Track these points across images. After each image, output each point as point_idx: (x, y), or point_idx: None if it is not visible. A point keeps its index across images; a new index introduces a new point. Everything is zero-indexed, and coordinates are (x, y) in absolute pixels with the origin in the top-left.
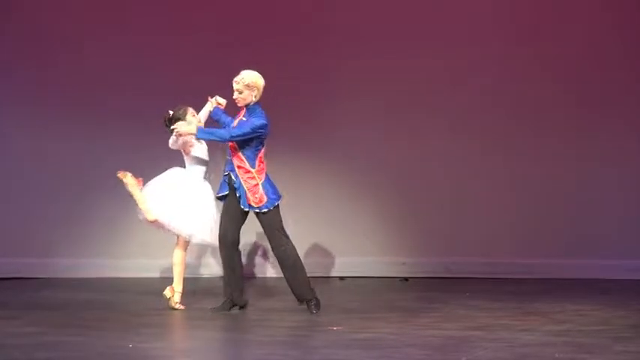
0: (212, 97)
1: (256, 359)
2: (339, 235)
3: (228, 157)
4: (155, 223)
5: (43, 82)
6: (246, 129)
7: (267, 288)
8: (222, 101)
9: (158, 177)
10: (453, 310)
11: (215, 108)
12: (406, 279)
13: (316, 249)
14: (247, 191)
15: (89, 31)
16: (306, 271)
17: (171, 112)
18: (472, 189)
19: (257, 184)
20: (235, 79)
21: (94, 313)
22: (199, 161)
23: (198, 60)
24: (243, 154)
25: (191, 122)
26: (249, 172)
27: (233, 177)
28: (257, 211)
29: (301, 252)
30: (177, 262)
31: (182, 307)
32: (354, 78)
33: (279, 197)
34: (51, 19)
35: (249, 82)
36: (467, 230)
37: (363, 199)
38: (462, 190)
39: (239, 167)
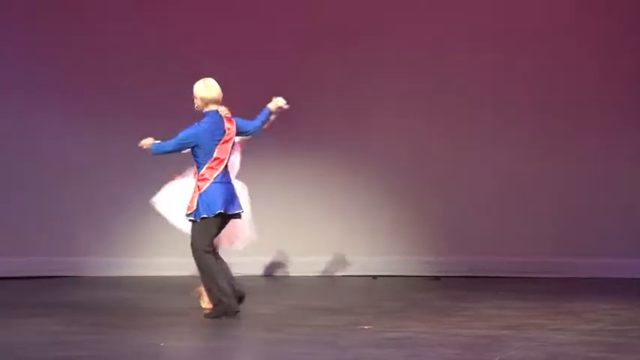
0: (276, 98)
1: (287, 358)
2: (371, 234)
3: None
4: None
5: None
6: (174, 140)
7: (298, 287)
8: (281, 103)
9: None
10: (484, 310)
11: (266, 108)
12: (438, 278)
13: (349, 248)
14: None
15: (105, 24)
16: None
17: None
18: (502, 189)
19: (195, 192)
20: None
21: (126, 312)
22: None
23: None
24: (194, 162)
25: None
26: (195, 180)
27: None
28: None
29: (334, 251)
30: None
31: (212, 306)
32: (392, 80)
33: (207, 213)
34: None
35: (194, 90)
36: (499, 229)
37: (395, 199)
38: (492, 190)
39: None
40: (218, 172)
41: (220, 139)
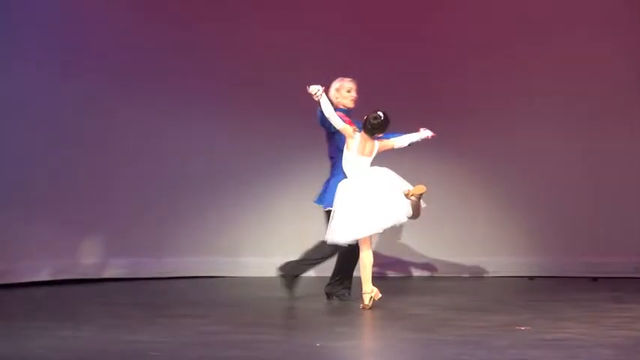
0: (323, 89)
1: (442, 358)
2: (527, 234)
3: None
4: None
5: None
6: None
7: (454, 288)
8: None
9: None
10: None
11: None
12: (595, 279)
13: (505, 248)
14: None
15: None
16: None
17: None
18: None
19: None
20: (350, 79)
21: (282, 312)
22: None
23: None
24: None
25: None
26: None
27: None
28: None
29: (491, 252)
30: (362, 264)
31: (369, 306)
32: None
33: None
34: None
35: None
36: None
37: (550, 198)
38: None
39: None
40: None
41: None
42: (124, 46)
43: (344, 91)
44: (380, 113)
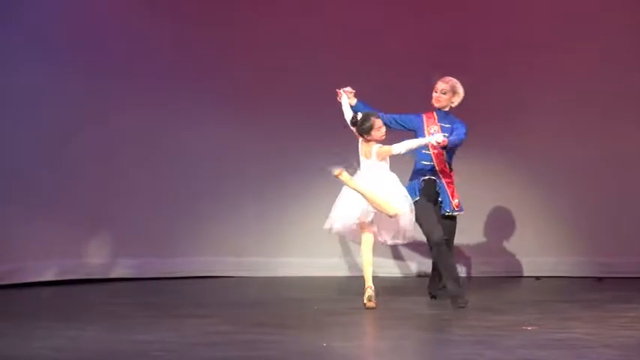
0: (343, 90)
1: (449, 358)
2: (534, 234)
3: (422, 162)
4: (395, 217)
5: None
6: (464, 135)
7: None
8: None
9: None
10: None
11: (358, 101)
12: (601, 279)
13: (512, 248)
14: (450, 196)
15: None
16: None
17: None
18: None
19: (454, 189)
20: (444, 78)
21: (287, 312)
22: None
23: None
24: (446, 159)
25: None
26: (449, 176)
27: (437, 181)
28: (455, 214)
29: (497, 252)
30: (364, 261)
31: (367, 305)
32: (546, 76)
33: None
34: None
35: (456, 87)
36: None
37: (556, 199)
38: None
39: (442, 171)
40: None
41: None
42: (125, 46)
43: (433, 90)
44: (358, 114)
